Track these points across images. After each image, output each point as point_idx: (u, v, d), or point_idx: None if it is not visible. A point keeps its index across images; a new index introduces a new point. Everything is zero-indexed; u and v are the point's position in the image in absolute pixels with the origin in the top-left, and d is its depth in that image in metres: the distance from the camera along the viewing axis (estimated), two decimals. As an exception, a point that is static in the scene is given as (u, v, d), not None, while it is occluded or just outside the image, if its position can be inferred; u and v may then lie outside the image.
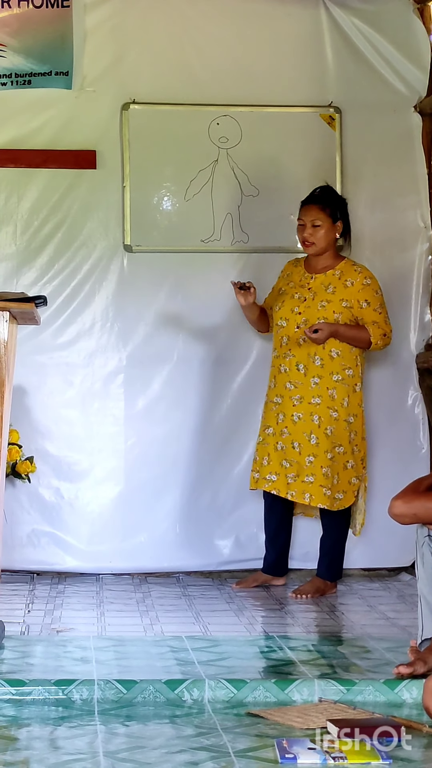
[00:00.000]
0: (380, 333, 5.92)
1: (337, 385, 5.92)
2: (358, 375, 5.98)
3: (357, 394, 5.98)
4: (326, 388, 5.92)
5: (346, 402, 5.93)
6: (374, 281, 5.98)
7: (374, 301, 5.94)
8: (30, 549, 6.35)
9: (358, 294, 5.92)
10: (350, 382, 5.94)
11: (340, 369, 5.93)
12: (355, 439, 5.97)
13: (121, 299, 6.46)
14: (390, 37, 6.56)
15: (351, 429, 5.95)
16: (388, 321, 5.97)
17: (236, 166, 6.50)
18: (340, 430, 5.92)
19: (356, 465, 5.97)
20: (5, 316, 4.66)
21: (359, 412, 5.99)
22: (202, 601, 5.84)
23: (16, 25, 6.30)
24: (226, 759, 3.53)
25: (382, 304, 5.96)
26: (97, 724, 3.89)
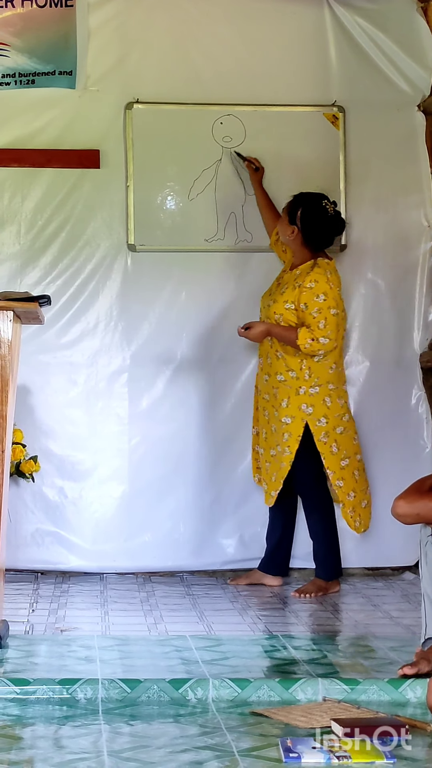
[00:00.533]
0: (309, 337, 5.85)
1: (279, 385, 5.99)
2: (303, 378, 5.95)
3: (300, 397, 5.95)
4: (272, 387, 6.02)
5: (285, 403, 5.97)
6: (320, 285, 5.89)
7: (312, 305, 5.88)
8: (34, 548, 6.35)
9: (300, 297, 5.92)
10: (293, 384, 5.96)
11: (284, 370, 5.98)
12: (288, 440, 5.96)
13: (125, 298, 6.47)
14: (394, 36, 6.56)
15: (285, 430, 5.97)
16: (323, 326, 5.85)
17: (240, 165, 6.50)
18: (278, 430, 5.99)
19: (285, 466, 5.97)
20: (9, 315, 4.67)
21: (298, 414, 5.95)
22: (206, 600, 5.84)
23: (19, 25, 6.30)
24: (230, 758, 3.54)
25: (320, 309, 5.86)
26: (101, 724, 3.90)
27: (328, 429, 5.97)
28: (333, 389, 6.02)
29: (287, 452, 5.95)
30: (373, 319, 6.57)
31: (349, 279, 6.51)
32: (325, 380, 5.99)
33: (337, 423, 6.00)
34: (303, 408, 5.94)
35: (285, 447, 5.96)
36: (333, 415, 5.99)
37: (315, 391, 5.95)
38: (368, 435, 6.51)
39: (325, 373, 5.99)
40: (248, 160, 6.41)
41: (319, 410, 5.96)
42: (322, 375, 5.98)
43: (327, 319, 5.87)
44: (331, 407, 5.98)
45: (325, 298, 5.88)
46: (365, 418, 6.53)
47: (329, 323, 5.87)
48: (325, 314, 5.87)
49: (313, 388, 5.95)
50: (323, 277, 5.92)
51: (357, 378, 6.56)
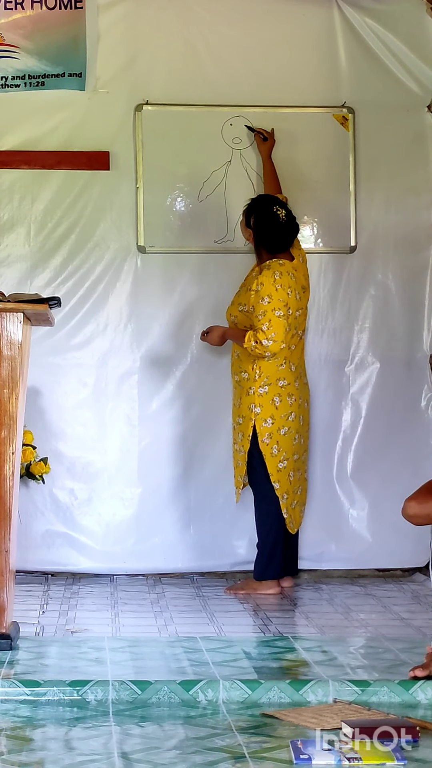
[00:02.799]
0: (253, 338, 5.87)
1: (236, 386, 6.09)
2: (253, 378, 5.97)
3: (250, 397, 5.98)
4: (233, 387, 6.12)
5: (238, 403, 6.05)
6: (265, 288, 5.89)
7: (258, 307, 5.90)
8: (44, 550, 6.36)
9: (249, 299, 5.96)
10: (245, 384, 6.01)
11: (238, 371, 6.06)
12: (242, 440, 6.02)
13: (135, 300, 6.47)
14: (403, 37, 6.56)
15: (239, 430, 6.04)
16: (266, 328, 5.84)
17: (249, 166, 6.51)
18: (234, 431, 6.11)
19: (241, 465, 6.04)
20: (19, 317, 4.67)
21: (249, 414, 5.97)
22: (216, 601, 5.84)
23: (29, 27, 6.31)
24: (240, 760, 3.53)
25: (265, 312, 5.86)
26: (111, 725, 3.90)
27: (272, 430, 5.99)
28: (284, 386, 6.01)
29: (241, 452, 6.04)
30: (383, 321, 6.57)
31: (359, 280, 6.51)
32: (274, 378, 6.00)
33: (282, 424, 6.01)
34: (252, 407, 5.99)
35: (240, 446, 6.05)
36: (279, 415, 6.00)
37: (264, 391, 5.98)
38: (378, 436, 6.51)
39: (273, 371, 6.00)
40: (257, 131, 6.43)
41: (266, 411, 5.99)
42: (271, 373, 6.00)
43: (271, 321, 5.87)
44: (279, 407, 5.99)
45: (269, 300, 5.89)
46: (375, 420, 6.53)
47: (273, 325, 5.86)
48: (270, 316, 5.87)
49: (262, 387, 5.99)
50: (270, 279, 5.92)
51: (367, 379, 6.56)
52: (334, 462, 6.51)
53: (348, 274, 6.54)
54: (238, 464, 6.09)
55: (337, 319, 6.55)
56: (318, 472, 6.45)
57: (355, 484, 6.53)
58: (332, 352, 6.53)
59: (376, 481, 6.51)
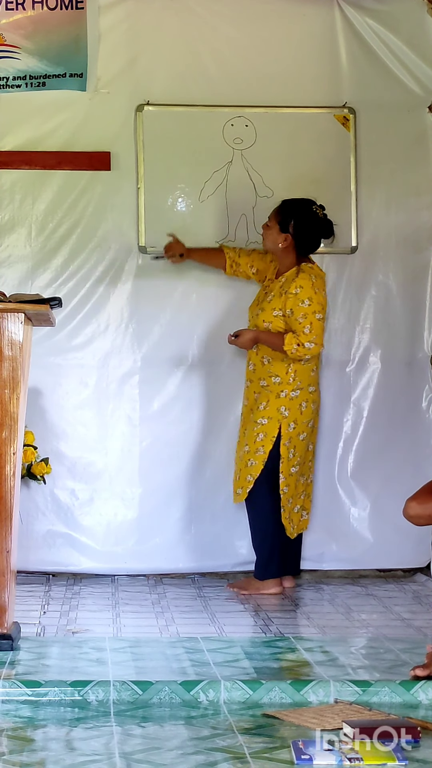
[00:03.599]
0: (295, 342, 5.88)
1: (261, 390, 6.03)
2: (286, 382, 5.98)
3: (280, 400, 5.98)
4: (253, 392, 6.07)
5: (263, 406, 6.00)
6: (305, 291, 5.92)
7: (297, 310, 5.91)
8: (45, 550, 6.36)
9: (286, 303, 5.96)
10: (274, 389, 5.99)
11: (267, 376, 6.02)
12: (263, 440, 5.99)
13: (136, 300, 6.47)
14: (404, 37, 6.56)
15: (260, 430, 6.00)
16: (309, 331, 5.88)
17: (251, 167, 6.50)
18: (250, 430, 6.02)
19: (257, 464, 6.00)
20: (20, 317, 4.67)
21: (276, 416, 5.97)
22: (217, 602, 5.84)
23: (30, 27, 6.31)
24: (242, 760, 3.53)
25: (305, 314, 5.90)
26: (112, 725, 3.90)
27: (293, 434, 6.02)
28: (311, 392, 6.07)
29: (260, 452, 6.00)
30: (384, 321, 6.57)
31: (360, 280, 6.51)
32: (306, 383, 6.04)
33: (302, 429, 6.05)
34: (281, 410, 5.98)
35: (259, 446, 6.00)
36: (302, 421, 6.04)
37: (295, 395, 6.00)
38: (379, 436, 6.52)
39: (307, 376, 6.04)
40: (162, 256, 6.29)
41: (292, 414, 6.01)
42: (305, 378, 6.03)
43: (312, 323, 5.90)
44: (303, 413, 6.03)
45: (309, 303, 5.91)
46: (376, 419, 6.53)
47: (314, 328, 5.90)
48: (311, 319, 5.90)
49: (294, 391, 6.00)
50: (308, 282, 5.94)
51: (368, 379, 6.56)
52: (336, 462, 6.51)
53: (349, 275, 6.54)
54: (248, 464, 6.02)
55: (339, 319, 6.55)
56: (319, 472, 6.44)
57: (356, 485, 6.53)
58: (333, 353, 6.52)
59: (377, 481, 6.51)
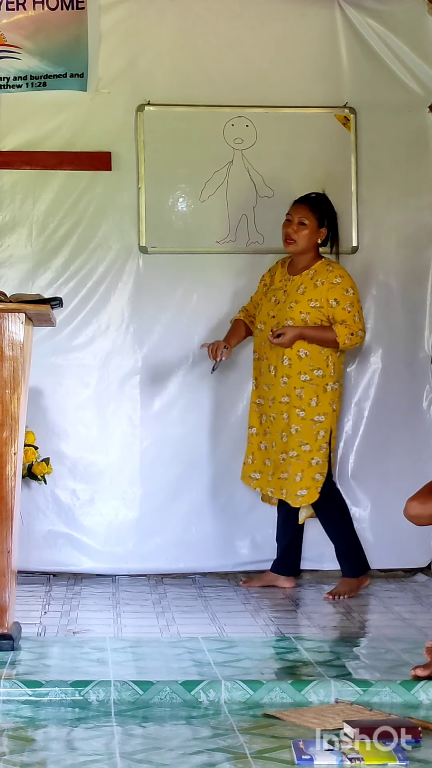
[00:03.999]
0: (347, 332, 5.88)
1: (304, 384, 5.95)
2: (329, 375, 5.96)
3: (328, 394, 5.96)
4: (294, 388, 5.96)
5: (314, 402, 5.94)
6: (345, 280, 5.95)
7: (343, 299, 5.92)
8: (46, 550, 6.36)
9: (328, 293, 5.93)
10: (319, 382, 5.95)
11: (308, 369, 5.95)
12: (324, 437, 5.96)
13: (137, 301, 6.47)
14: (404, 38, 6.56)
15: (319, 428, 5.95)
16: (357, 319, 5.91)
17: (251, 167, 6.51)
18: (306, 429, 5.95)
19: (322, 462, 5.96)
20: (21, 317, 4.67)
21: (330, 411, 5.96)
22: (218, 602, 5.84)
23: (31, 28, 6.31)
24: (242, 760, 3.53)
25: (352, 303, 5.92)
26: (113, 725, 3.90)
27: (335, 427, 6.03)
28: (342, 384, 6.09)
29: (324, 449, 5.94)
30: (384, 321, 6.57)
31: (361, 281, 6.50)
32: (341, 376, 6.07)
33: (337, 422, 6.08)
34: (331, 404, 5.96)
35: (321, 444, 5.94)
36: (340, 413, 6.08)
37: (336, 387, 6.00)
38: (380, 436, 6.52)
39: (341, 369, 6.07)
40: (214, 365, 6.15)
41: (338, 407, 6.03)
42: (340, 371, 6.05)
43: (359, 312, 5.96)
44: (343, 404, 6.04)
45: (353, 291, 5.95)
46: (377, 420, 6.53)
47: (361, 316, 5.97)
48: (357, 307, 5.95)
49: (335, 384, 5.99)
50: (345, 272, 6.00)
51: (369, 379, 6.55)
52: (336, 462, 6.50)
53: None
54: (312, 463, 5.90)
55: (339, 319, 6.55)
56: (320, 473, 6.44)
57: (356, 485, 6.53)
58: (334, 353, 6.52)
59: (377, 481, 6.51)
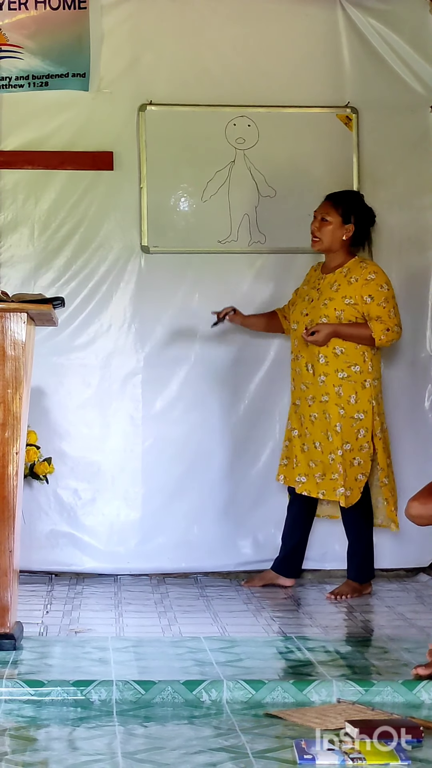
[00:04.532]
0: (383, 328, 5.86)
1: (343, 382, 5.90)
2: (366, 371, 5.93)
3: (367, 390, 5.91)
4: (332, 385, 5.91)
5: (353, 399, 5.90)
6: (380, 276, 5.93)
7: (378, 295, 5.89)
8: (48, 550, 6.36)
9: (362, 289, 5.90)
10: (357, 378, 5.91)
11: (345, 366, 5.90)
12: (365, 436, 5.92)
13: (139, 300, 6.47)
14: (406, 37, 6.56)
15: (359, 426, 5.91)
16: (393, 315, 5.89)
17: (253, 166, 6.51)
18: (347, 427, 5.90)
19: (364, 462, 5.92)
20: (23, 317, 4.67)
21: (369, 408, 5.92)
22: (220, 601, 5.84)
23: (33, 27, 6.31)
24: (244, 760, 3.53)
25: (387, 299, 5.89)
26: (115, 725, 3.90)
27: (381, 423, 5.98)
28: (381, 381, 6.06)
29: (365, 448, 5.90)
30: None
31: (363, 280, 6.50)
32: (379, 373, 6.04)
33: (384, 419, 6.03)
34: (371, 402, 5.92)
35: (362, 443, 5.90)
36: (383, 411, 6.03)
37: (376, 384, 5.96)
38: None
39: (379, 365, 6.03)
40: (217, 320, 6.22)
41: (378, 404, 5.97)
42: (378, 366, 6.01)
43: (395, 308, 5.92)
44: (382, 402, 6.03)
45: (387, 287, 5.92)
46: (379, 420, 6.53)
47: (397, 312, 5.92)
48: (393, 303, 5.91)
49: (375, 380, 5.96)
50: (379, 269, 5.97)
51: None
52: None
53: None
54: (354, 463, 5.86)
55: (341, 319, 6.55)
56: (322, 472, 6.44)
57: (359, 484, 6.53)
58: (336, 352, 6.52)
59: (379, 481, 6.50)
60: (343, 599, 5.91)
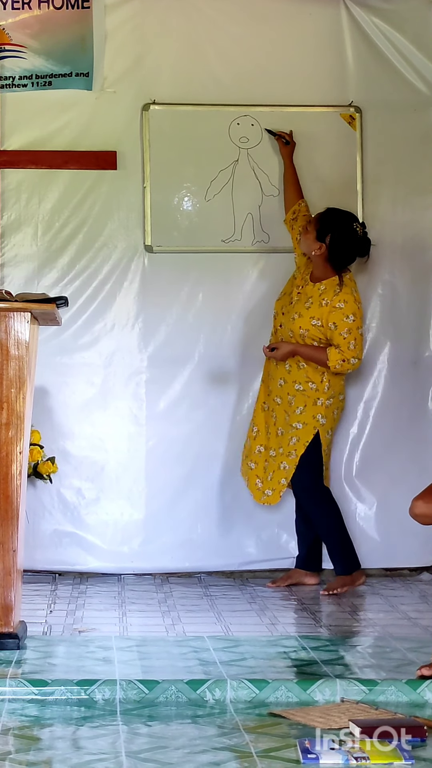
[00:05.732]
0: (339, 358, 5.91)
1: (297, 393, 6.03)
2: (322, 391, 6.00)
3: (317, 407, 6.00)
4: (287, 393, 6.05)
5: (300, 410, 6.01)
6: (349, 305, 5.94)
7: (341, 325, 5.93)
8: (52, 549, 6.36)
9: (329, 315, 5.95)
10: (311, 395, 6.00)
11: (303, 381, 6.02)
12: (296, 444, 6.00)
13: (142, 300, 6.47)
14: (410, 36, 6.55)
15: (295, 434, 6.00)
16: (353, 347, 5.92)
17: (257, 166, 6.50)
18: (286, 433, 6.03)
19: (289, 469, 6.01)
20: (27, 317, 4.67)
21: (312, 423, 5.99)
22: (223, 601, 5.84)
23: (36, 27, 6.32)
24: (248, 759, 3.54)
25: (350, 330, 5.92)
26: (119, 724, 3.90)
27: (329, 441, 6.10)
28: (341, 400, 6.12)
29: (293, 455, 6.01)
30: (389, 320, 6.57)
31: (366, 280, 6.51)
32: (338, 392, 6.08)
33: (331, 438, 6.13)
34: (318, 418, 6.00)
35: (291, 450, 6.01)
36: (333, 429, 6.12)
37: (329, 403, 6.02)
38: (385, 435, 6.51)
39: (339, 386, 6.09)
40: (278, 135, 6.42)
41: (329, 423, 6.06)
42: (337, 388, 6.08)
43: (356, 339, 5.93)
44: (335, 419, 6.11)
45: (354, 318, 5.94)
46: (383, 419, 6.53)
47: (358, 343, 5.95)
48: (355, 335, 5.93)
49: (329, 399, 6.02)
50: (351, 297, 5.98)
51: (375, 378, 6.55)
52: (342, 461, 6.51)
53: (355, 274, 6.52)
54: (281, 467, 6.03)
55: (345, 318, 6.55)
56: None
57: (362, 484, 6.53)
58: (339, 352, 6.52)
59: (383, 480, 6.51)
60: (335, 592, 5.94)
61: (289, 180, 6.41)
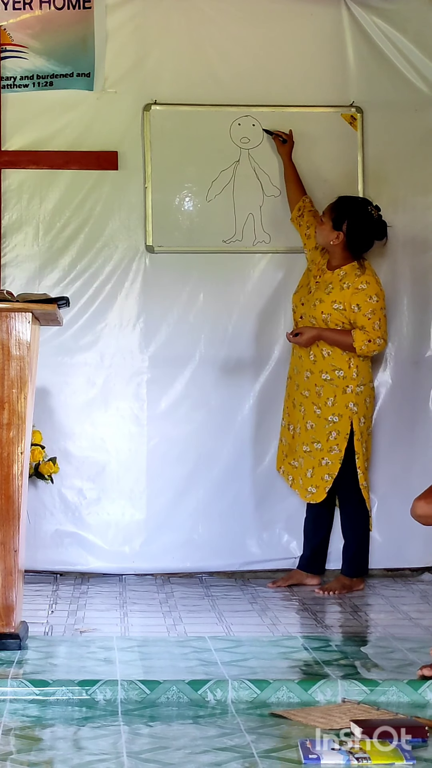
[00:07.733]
0: (365, 339, 5.89)
1: (324, 383, 5.98)
2: (350, 377, 5.97)
3: (347, 395, 5.97)
4: (314, 384, 6.01)
5: (330, 401, 5.97)
6: (371, 286, 5.95)
7: (365, 306, 5.92)
8: (53, 549, 6.36)
9: (351, 298, 5.94)
10: (339, 383, 5.97)
11: (330, 369, 5.98)
12: (336, 438, 5.96)
13: (144, 300, 6.47)
14: (411, 36, 6.55)
15: (332, 428, 5.96)
16: (377, 327, 5.91)
17: (258, 166, 6.50)
18: (320, 427, 5.98)
19: (332, 464, 5.97)
20: (28, 317, 4.68)
21: (347, 413, 5.97)
22: (225, 601, 5.84)
23: (37, 27, 6.32)
24: (249, 759, 3.54)
25: (374, 310, 5.92)
26: (120, 725, 3.90)
27: (363, 429, 6.02)
28: (373, 387, 6.11)
29: (335, 450, 5.96)
30: (391, 320, 6.55)
31: (367, 280, 6.50)
32: (368, 379, 6.06)
33: (369, 424, 6.07)
34: (350, 406, 5.96)
35: (333, 445, 5.96)
36: (368, 415, 6.07)
37: (360, 390, 5.99)
38: (386, 435, 6.51)
39: (367, 371, 6.06)
40: (276, 134, 6.43)
41: (361, 409, 6.00)
42: (367, 374, 6.05)
43: (381, 320, 5.93)
44: (368, 407, 6.06)
45: (377, 299, 5.94)
46: (383, 419, 6.52)
47: (383, 324, 5.94)
48: (379, 315, 5.93)
49: (359, 386, 5.99)
50: (373, 279, 5.99)
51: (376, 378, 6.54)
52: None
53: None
54: (322, 463, 5.97)
55: (346, 318, 6.55)
56: (327, 472, 6.44)
57: (363, 484, 6.53)
58: (340, 352, 6.52)
59: (384, 480, 6.50)
60: (332, 594, 5.94)
61: (289, 178, 6.41)
